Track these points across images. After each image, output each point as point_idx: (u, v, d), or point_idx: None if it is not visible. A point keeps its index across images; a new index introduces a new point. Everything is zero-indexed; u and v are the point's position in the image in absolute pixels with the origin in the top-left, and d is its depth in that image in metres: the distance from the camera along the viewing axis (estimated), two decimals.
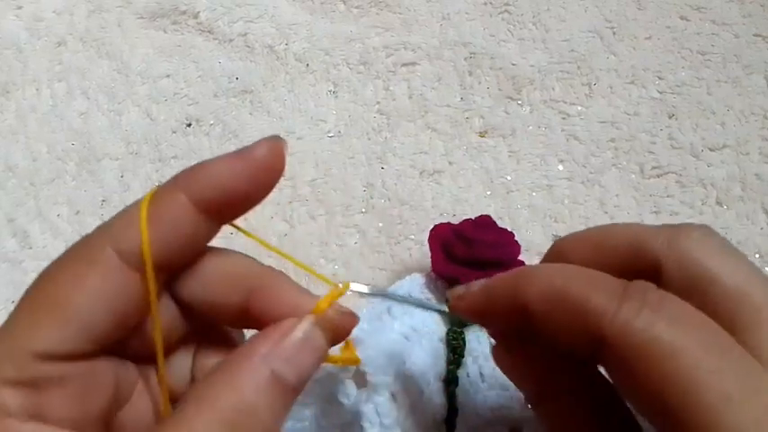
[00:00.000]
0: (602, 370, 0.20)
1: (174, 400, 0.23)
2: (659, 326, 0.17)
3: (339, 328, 0.23)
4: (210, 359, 0.24)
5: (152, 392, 0.23)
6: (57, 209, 0.43)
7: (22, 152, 0.45)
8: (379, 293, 0.25)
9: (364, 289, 0.24)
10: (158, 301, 0.21)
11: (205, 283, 0.22)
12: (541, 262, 0.26)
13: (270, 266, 0.23)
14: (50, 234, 0.42)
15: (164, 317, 0.22)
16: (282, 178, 0.46)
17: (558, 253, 0.24)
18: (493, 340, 0.25)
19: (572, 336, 0.19)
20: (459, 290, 0.23)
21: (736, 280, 0.20)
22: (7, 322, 0.20)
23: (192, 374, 0.24)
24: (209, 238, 0.22)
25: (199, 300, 0.23)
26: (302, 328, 0.21)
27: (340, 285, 0.23)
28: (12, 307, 0.43)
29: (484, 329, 0.33)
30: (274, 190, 0.22)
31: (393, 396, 0.30)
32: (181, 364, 0.24)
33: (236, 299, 0.22)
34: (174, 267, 0.22)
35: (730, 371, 0.17)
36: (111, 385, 0.21)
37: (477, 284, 0.23)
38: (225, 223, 0.22)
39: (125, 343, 0.22)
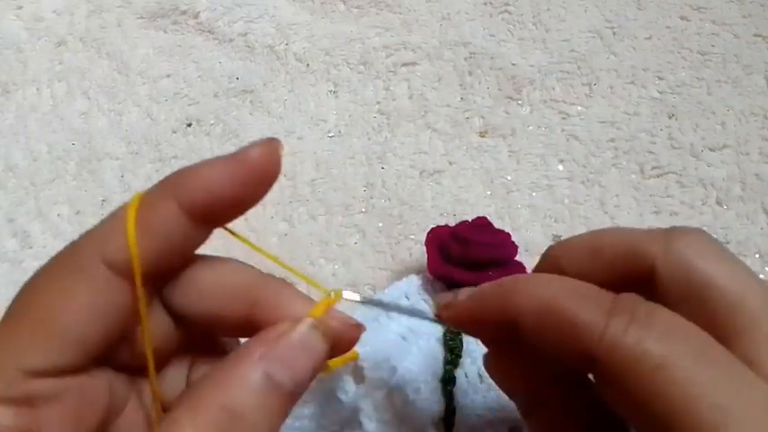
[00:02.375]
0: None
1: (168, 412, 0.23)
2: (649, 340, 0.17)
3: (342, 338, 0.22)
4: (205, 370, 0.23)
5: (145, 405, 0.23)
6: (57, 209, 0.43)
7: (22, 152, 0.45)
8: (371, 302, 0.24)
9: (356, 297, 0.23)
10: (150, 311, 0.21)
11: (204, 293, 0.22)
12: (535, 268, 0.25)
13: (272, 275, 0.22)
14: (50, 234, 0.42)
15: (157, 328, 0.22)
16: (283, 178, 0.46)
17: (552, 259, 0.24)
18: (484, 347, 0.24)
19: (562, 350, 0.19)
20: (446, 297, 0.23)
21: (732, 284, 0.19)
22: None
23: (187, 386, 0.23)
24: (200, 243, 0.21)
25: (197, 311, 0.22)
26: (299, 330, 0.20)
27: (332, 293, 0.22)
28: None
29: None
30: (274, 190, 0.21)
31: (391, 392, 0.30)
32: (175, 376, 0.23)
33: (239, 309, 0.21)
34: (165, 275, 0.21)
35: (724, 383, 0.17)
36: (105, 398, 0.21)
37: (465, 293, 0.22)
38: (216, 227, 0.21)
39: (118, 354, 0.21)
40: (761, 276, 0.39)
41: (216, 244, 0.22)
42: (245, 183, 0.20)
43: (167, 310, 0.22)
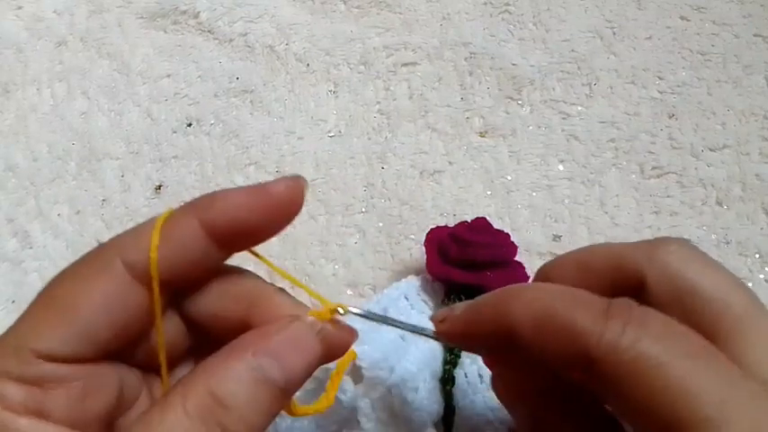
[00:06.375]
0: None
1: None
2: (644, 341, 0.18)
3: (337, 341, 0.23)
4: None
5: (155, 399, 0.24)
6: (57, 209, 0.43)
7: (22, 152, 0.45)
8: (375, 317, 0.24)
9: (359, 311, 0.23)
10: (163, 314, 0.22)
11: (208, 297, 0.23)
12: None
13: (271, 284, 0.24)
14: (51, 234, 0.42)
15: (168, 330, 0.23)
16: None
17: (544, 278, 0.25)
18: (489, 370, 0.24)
19: (560, 356, 0.19)
20: (442, 313, 0.23)
21: (717, 289, 0.20)
22: (18, 320, 0.21)
23: None
24: (219, 262, 0.23)
25: (201, 313, 0.23)
26: (293, 326, 0.21)
27: (339, 310, 0.23)
28: (12, 307, 0.43)
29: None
30: None
31: (389, 392, 0.30)
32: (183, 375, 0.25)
33: (237, 313, 0.23)
34: (180, 285, 0.22)
35: (721, 379, 0.17)
36: (114, 390, 0.22)
37: (460, 307, 0.23)
38: (235, 252, 0.23)
39: (132, 351, 0.23)
40: (760, 276, 0.40)
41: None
42: (265, 214, 0.22)
43: (179, 313, 0.24)
